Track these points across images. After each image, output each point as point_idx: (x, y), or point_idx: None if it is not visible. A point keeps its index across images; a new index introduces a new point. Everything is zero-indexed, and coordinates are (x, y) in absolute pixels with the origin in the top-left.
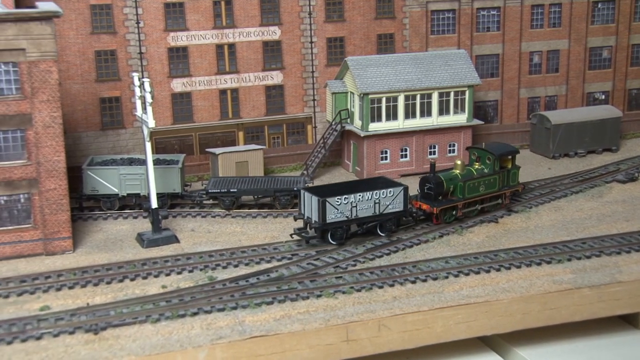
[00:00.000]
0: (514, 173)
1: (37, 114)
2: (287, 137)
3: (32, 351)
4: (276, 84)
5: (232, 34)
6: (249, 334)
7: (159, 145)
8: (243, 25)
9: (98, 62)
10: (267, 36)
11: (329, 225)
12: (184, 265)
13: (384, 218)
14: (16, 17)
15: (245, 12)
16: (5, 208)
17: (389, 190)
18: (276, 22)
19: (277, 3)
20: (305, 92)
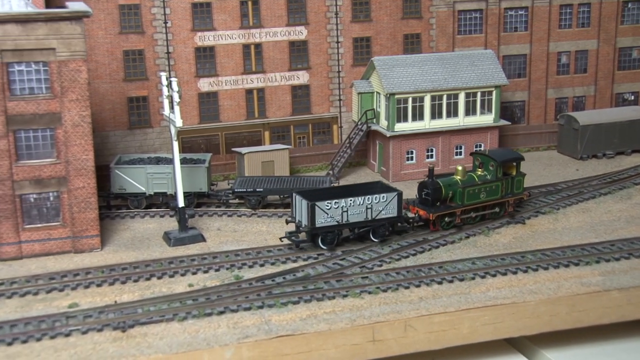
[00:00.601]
0: (518, 180)
1: (67, 113)
2: (313, 137)
3: (60, 348)
4: (302, 83)
5: (258, 34)
6: (275, 333)
7: (186, 144)
8: (270, 25)
9: (126, 61)
10: (293, 36)
11: (318, 229)
12: (210, 264)
13: (377, 224)
14: (47, 17)
15: (272, 12)
16: (34, 206)
17: (381, 196)
18: (303, 22)
19: (303, 3)
20: (331, 92)
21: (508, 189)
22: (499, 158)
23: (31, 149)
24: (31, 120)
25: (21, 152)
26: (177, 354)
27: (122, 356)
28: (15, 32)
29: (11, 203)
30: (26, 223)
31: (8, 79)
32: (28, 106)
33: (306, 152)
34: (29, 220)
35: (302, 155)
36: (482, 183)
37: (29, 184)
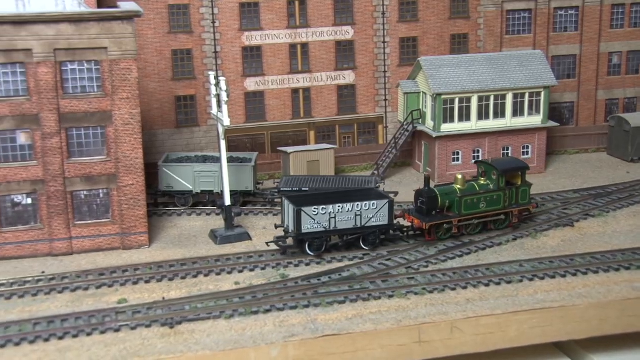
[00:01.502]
0: (523, 190)
1: (117, 111)
2: (358, 136)
3: (110, 343)
4: (348, 83)
5: (305, 34)
6: (321, 333)
7: (232, 143)
8: (316, 25)
9: (174, 60)
10: (340, 36)
11: (304, 235)
12: (256, 263)
13: (367, 231)
14: (99, 17)
15: (319, 12)
16: (85, 202)
17: (371, 203)
18: (349, 22)
19: (350, 3)
20: (377, 92)
21: (512, 200)
22: (501, 167)
23: (82, 146)
24: (83, 118)
25: (73, 150)
26: (224, 351)
27: (170, 352)
28: (68, 32)
29: (63, 200)
30: (77, 219)
31: (61, 77)
32: (80, 104)
33: (351, 152)
34: (80, 217)
35: (347, 155)
36: (482, 192)
37: (79, 181)
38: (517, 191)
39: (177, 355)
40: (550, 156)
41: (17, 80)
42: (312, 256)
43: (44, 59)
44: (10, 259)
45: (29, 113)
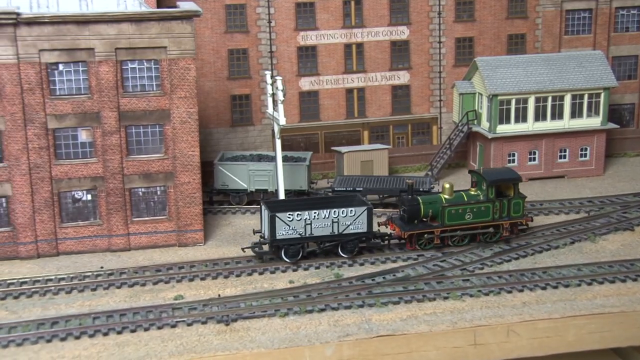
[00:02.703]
0: (516, 203)
1: (175, 109)
2: (412, 137)
3: (167, 338)
4: (403, 83)
5: (360, 34)
6: (375, 333)
7: (285, 142)
8: (372, 24)
9: (230, 60)
10: (395, 36)
11: (279, 241)
12: (310, 262)
13: (344, 239)
14: (159, 16)
15: (375, 12)
16: (143, 199)
17: (349, 210)
18: (405, 22)
19: (406, 3)
20: (432, 92)
21: (503, 212)
22: (490, 177)
23: (141, 144)
24: (142, 116)
25: (131, 147)
26: (279, 349)
27: (226, 349)
28: (129, 31)
29: (121, 196)
30: (134, 216)
31: (122, 76)
32: (139, 103)
33: (405, 153)
34: (137, 214)
35: (400, 156)
36: (468, 203)
37: (138, 178)
38: (509, 203)
39: (233, 352)
40: (609, 159)
41: (80, 79)
42: (288, 263)
43: (105, 58)
44: (70, 254)
45: (90, 111)
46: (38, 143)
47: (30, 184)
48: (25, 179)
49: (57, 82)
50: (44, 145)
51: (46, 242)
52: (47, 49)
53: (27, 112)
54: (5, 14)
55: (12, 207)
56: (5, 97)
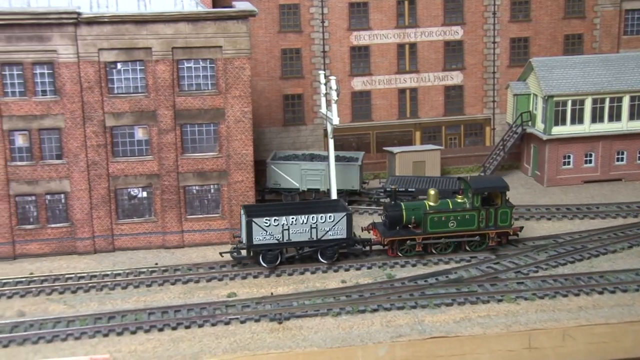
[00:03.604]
0: (503, 212)
1: (230, 108)
2: (465, 138)
3: (221, 335)
4: (456, 84)
5: (413, 34)
6: (428, 334)
7: (337, 142)
8: (425, 24)
9: (283, 59)
10: (449, 36)
11: (256, 246)
12: (362, 262)
13: (323, 245)
14: (216, 16)
15: (429, 12)
16: (196, 197)
17: (328, 216)
18: (459, 22)
19: (461, 3)
20: (486, 93)
21: (490, 221)
22: (475, 185)
23: (195, 142)
24: (197, 115)
25: (186, 146)
26: (332, 348)
27: (279, 347)
28: (186, 31)
29: (176, 194)
30: (188, 214)
31: (178, 75)
32: (194, 101)
33: (457, 154)
34: (191, 211)
35: (453, 156)
36: (452, 211)
37: (192, 176)
38: (495, 212)
39: (286, 350)
40: None
41: (137, 78)
42: (266, 268)
43: (162, 57)
44: (126, 250)
45: (146, 109)
46: (96, 140)
47: (88, 181)
48: (83, 175)
49: (115, 80)
50: (102, 143)
51: (103, 238)
52: (106, 48)
53: (86, 110)
54: (66, 13)
55: (70, 203)
56: (65, 95)
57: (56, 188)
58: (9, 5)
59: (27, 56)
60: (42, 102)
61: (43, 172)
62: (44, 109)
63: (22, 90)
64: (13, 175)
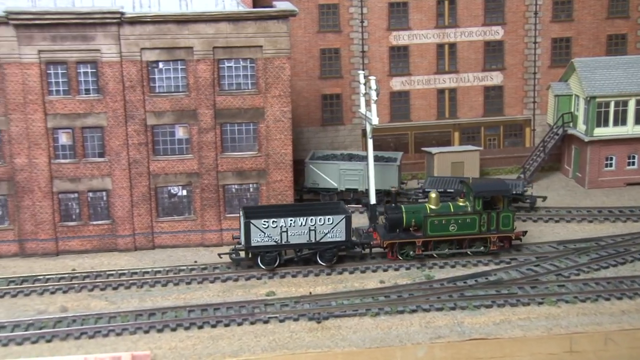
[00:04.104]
0: (505, 216)
1: (269, 108)
2: (504, 139)
3: (260, 334)
4: (495, 84)
5: (453, 34)
6: (468, 336)
7: (375, 142)
8: (465, 24)
9: (322, 59)
10: (489, 36)
11: (254, 248)
12: (401, 262)
13: (322, 247)
14: (256, 16)
15: (469, 12)
16: (235, 196)
17: (327, 218)
18: (500, 22)
19: (502, 2)
20: (526, 93)
21: (492, 225)
22: (476, 189)
23: (235, 141)
24: (236, 114)
25: (226, 145)
26: (371, 348)
27: (318, 346)
28: (227, 30)
29: (215, 192)
30: (227, 212)
31: (218, 74)
32: (234, 101)
33: (496, 155)
34: (230, 210)
35: (492, 157)
36: (453, 214)
37: (231, 175)
38: (497, 216)
39: (325, 350)
40: None
41: (178, 77)
42: (265, 270)
43: (203, 57)
44: (165, 248)
45: (187, 108)
46: (137, 139)
47: (129, 179)
48: (125, 173)
49: (157, 79)
50: (143, 141)
51: (143, 236)
52: (148, 48)
53: (128, 109)
54: (110, 13)
55: (111, 201)
56: (108, 94)
57: (98, 186)
58: (54, 5)
59: (72, 55)
60: (85, 101)
61: (85, 170)
62: (87, 108)
63: (66, 89)
64: (57, 172)
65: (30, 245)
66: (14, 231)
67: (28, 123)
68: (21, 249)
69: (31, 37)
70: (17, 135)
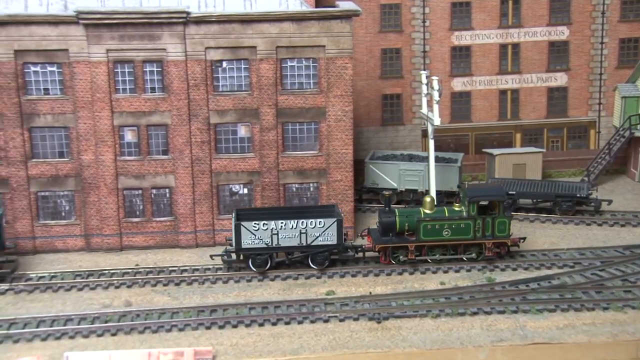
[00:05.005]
0: (501, 222)
1: (331, 107)
2: (568, 141)
3: (320, 332)
4: (560, 85)
5: (517, 34)
6: (530, 340)
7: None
8: (529, 24)
9: (383, 59)
10: (554, 36)
11: (244, 250)
12: (462, 264)
13: (313, 250)
14: (320, 16)
15: (533, 12)
16: (296, 195)
17: (318, 221)
18: (565, 22)
19: (567, 2)
20: (591, 95)
21: (487, 230)
22: (471, 194)
23: (296, 140)
24: (298, 113)
25: (287, 144)
26: (431, 350)
27: (378, 346)
28: (290, 30)
29: (276, 191)
30: None
31: (281, 74)
32: (296, 100)
33: (559, 157)
34: None
35: (554, 160)
36: (446, 219)
37: (292, 174)
38: (492, 222)
39: (385, 350)
40: None
41: (241, 76)
42: (255, 272)
43: (266, 56)
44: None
45: (249, 107)
46: (200, 137)
47: (192, 177)
48: (188, 171)
49: (220, 78)
50: (206, 140)
51: (204, 233)
52: (213, 47)
53: (192, 108)
54: (176, 13)
55: (174, 198)
56: (172, 93)
57: (162, 183)
58: (122, 5)
59: (138, 54)
60: (150, 99)
61: (150, 167)
62: (152, 106)
63: (132, 87)
64: (122, 169)
65: (95, 240)
66: (80, 226)
67: (95, 120)
68: (87, 244)
69: (100, 36)
70: (84, 133)
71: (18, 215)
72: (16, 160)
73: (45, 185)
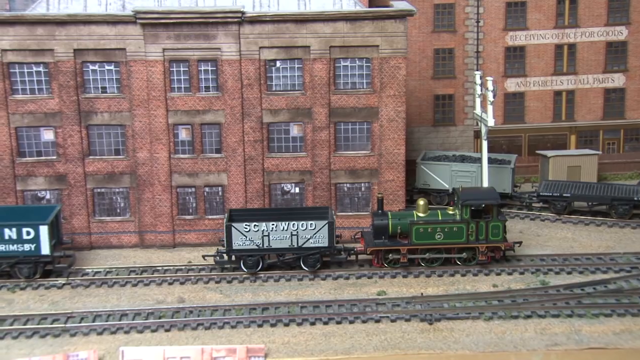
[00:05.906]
0: (495, 226)
1: (384, 107)
2: (624, 143)
3: (372, 332)
4: (617, 86)
5: (573, 34)
6: (586, 344)
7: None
8: (586, 24)
9: (436, 59)
10: (611, 36)
11: (235, 251)
12: (514, 267)
13: (304, 252)
14: (374, 16)
15: (590, 11)
16: (347, 195)
17: (309, 223)
18: (624, 22)
19: (626, 2)
20: None
21: (480, 234)
22: (464, 197)
23: (348, 140)
24: (351, 113)
25: (339, 144)
26: (484, 353)
27: (430, 348)
28: (344, 30)
29: (327, 191)
30: (339, 210)
31: (334, 73)
32: (349, 100)
33: (616, 159)
34: (341, 208)
35: (611, 162)
36: (439, 222)
37: (344, 173)
38: (486, 226)
39: (437, 351)
40: None
41: (295, 76)
42: (247, 274)
43: (320, 56)
44: None
45: (302, 107)
46: (253, 136)
47: (244, 175)
48: (240, 170)
49: (274, 78)
50: (259, 139)
51: None
52: (267, 46)
53: (245, 107)
54: (231, 12)
55: (227, 196)
56: (226, 92)
57: (214, 181)
58: (178, 4)
59: (193, 53)
60: (205, 98)
61: (203, 165)
62: (207, 105)
63: (187, 86)
64: (176, 167)
65: (149, 236)
66: (135, 223)
67: (151, 119)
68: (141, 240)
69: (156, 35)
70: (140, 130)
71: (75, 211)
72: (74, 157)
73: (101, 182)
